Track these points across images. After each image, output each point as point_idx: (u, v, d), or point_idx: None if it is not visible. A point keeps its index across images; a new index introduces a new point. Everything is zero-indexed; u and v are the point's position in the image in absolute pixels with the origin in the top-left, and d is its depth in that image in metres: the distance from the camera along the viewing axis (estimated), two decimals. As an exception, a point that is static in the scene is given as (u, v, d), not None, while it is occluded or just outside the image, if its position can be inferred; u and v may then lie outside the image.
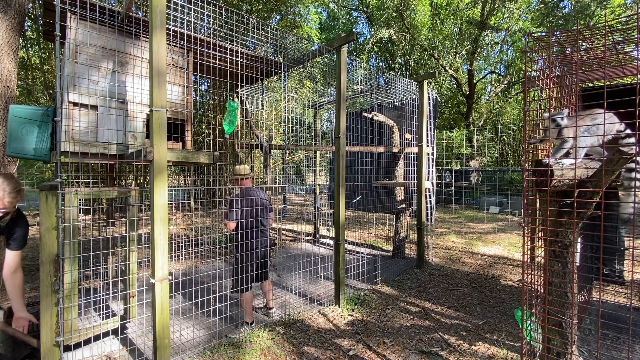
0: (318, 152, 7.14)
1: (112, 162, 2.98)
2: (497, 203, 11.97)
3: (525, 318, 1.94)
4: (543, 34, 1.95)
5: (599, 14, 12.89)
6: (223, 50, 3.25)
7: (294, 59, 3.90)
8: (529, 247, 2.07)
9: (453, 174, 14.85)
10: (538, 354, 2.05)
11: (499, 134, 16.51)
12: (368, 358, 2.72)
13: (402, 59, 21.59)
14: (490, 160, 17.40)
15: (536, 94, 2.21)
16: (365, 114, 5.39)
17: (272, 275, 4.72)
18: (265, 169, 5.64)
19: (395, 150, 5.54)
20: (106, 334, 2.85)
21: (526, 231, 1.93)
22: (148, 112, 2.67)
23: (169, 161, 2.36)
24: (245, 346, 2.82)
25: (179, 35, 2.88)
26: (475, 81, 18.77)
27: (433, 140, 5.54)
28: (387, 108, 6.08)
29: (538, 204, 2.09)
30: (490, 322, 3.37)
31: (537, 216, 2.08)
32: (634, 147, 1.56)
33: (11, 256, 2.24)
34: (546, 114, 1.97)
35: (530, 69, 1.93)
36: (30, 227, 2.42)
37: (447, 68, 17.86)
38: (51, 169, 9.45)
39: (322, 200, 8.11)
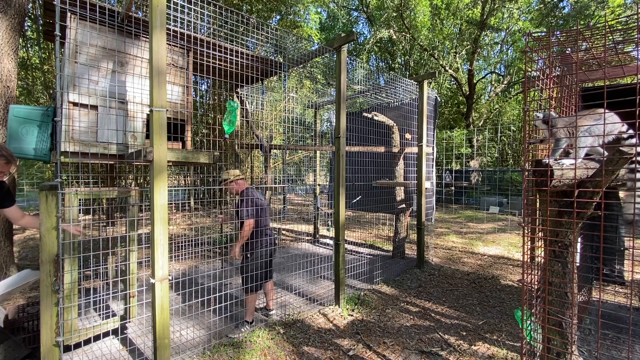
0: (318, 152, 7.14)
1: (112, 162, 2.98)
2: (497, 203, 11.97)
3: (525, 318, 1.94)
4: (543, 34, 1.95)
5: (599, 14, 12.90)
6: (223, 50, 3.25)
7: (294, 59, 3.90)
8: (529, 247, 2.07)
9: (453, 174, 14.85)
10: (538, 354, 2.05)
11: (499, 134, 16.51)
12: (368, 358, 2.72)
13: (402, 59, 21.58)
14: (490, 160, 17.40)
15: (536, 94, 2.21)
16: (365, 114, 5.39)
17: (272, 275, 4.72)
18: (265, 169, 5.64)
19: (395, 150, 5.54)
20: (106, 334, 2.85)
21: (526, 231, 1.93)
22: (148, 112, 2.67)
23: (169, 161, 2.36)
24: (245, 346, 2.82)
25: (179, 35, 2.88)
26: (475, 81, 18.77)
27: (433, 140, 5.54)
28: (387, 108, 6.08)
29: (538, 204, 2.09)
30: (490, 322, 3.37)
31: (537, 216, 2.08)
32: (635, 148, 1.56)
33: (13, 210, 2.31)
34: (539, 114, 1.98)
35: (530, 69, 1.93)
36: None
37: (447, 68, 17.86)
38: (51, 169, 9.45)
39: (322, 200, 8.11)
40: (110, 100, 2.63)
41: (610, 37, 1.88)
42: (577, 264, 2.22)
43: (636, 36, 1.87)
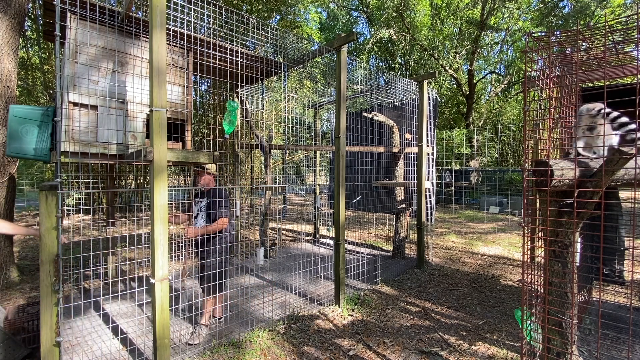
0: (318, 152, 7.14)
1: (112, 162, 2.98)
2: (497, 203, 11.96)
3: (525, 318, 1.94)
4: (543, 34, 1.95)
5: (599, 14, 12.90)
6: (223, 50, 3.25)
7: (294, 59, 3.90)
8: (529, 247, 2.07)
9: (453, 174, 14.84)
10: (538, 354, 2.05)
11: (499, 134, 16.50)
12: (368, 358, 2.72)
13: (402, 59, 21.58)
14: (490, 160, 17.40)
15: (536, 94, 2.21)
16: (365, 114, 5.39)
17: (272, 275, 4.74)
18: (265, 169, 5.64)
19: (395, 150, 5.54)
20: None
21: (526, 231, 1.92)
22: (148, 112, 2.67)
23: (169, 161, 2.36)
24: (245, 346, 2.82)
25: (179, 35, 2.88)
26: (475, 81, 18.76)
27: (433, 140, 5.54)
28: (387, 108, 6.08)
29: (538, 204, 2.08)
30: (490, 322, 3.36)
31: (537, 216, 2.08)
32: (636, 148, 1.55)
33: None
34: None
35: (530, 69, 1.93)
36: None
37: (447, 68, 17.85)
38: (51, 169, 9.44)
39: (322, 200, 8.11)
40: (110, 100, 2.63)
41: (610, 37, 1.88)
42: (577, 264, 2.22)
43: (636, 36, 1.87)
